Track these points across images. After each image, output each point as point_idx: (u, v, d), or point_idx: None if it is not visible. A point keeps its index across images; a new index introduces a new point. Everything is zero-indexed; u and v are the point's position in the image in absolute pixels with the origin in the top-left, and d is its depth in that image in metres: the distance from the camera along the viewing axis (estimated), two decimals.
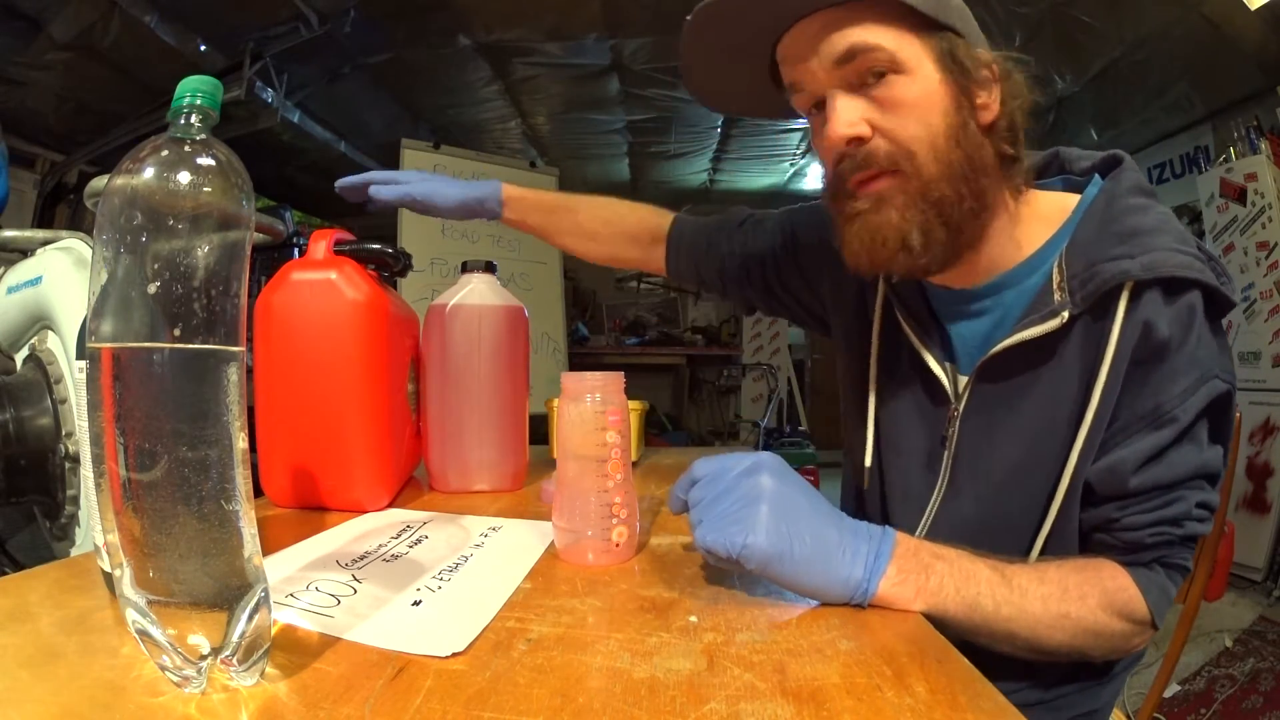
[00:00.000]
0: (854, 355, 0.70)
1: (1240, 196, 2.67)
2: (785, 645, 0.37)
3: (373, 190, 0.79)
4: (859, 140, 0.54)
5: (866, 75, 0.53)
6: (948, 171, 0.53)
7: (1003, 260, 0.59)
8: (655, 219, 0.88)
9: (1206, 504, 0.53)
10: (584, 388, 0.52)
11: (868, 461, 0.68)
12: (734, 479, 0.46)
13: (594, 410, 0.51)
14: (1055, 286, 0.55)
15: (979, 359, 0.58)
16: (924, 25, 0.53)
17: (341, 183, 0.82)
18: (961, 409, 0.60)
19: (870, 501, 0.69)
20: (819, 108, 0.57)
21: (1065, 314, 0.53)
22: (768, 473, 0.46)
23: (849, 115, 0.53)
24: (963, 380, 0.61)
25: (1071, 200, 0.59)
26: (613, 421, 0.51)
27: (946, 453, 0.61)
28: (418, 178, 0.82)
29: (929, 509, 0.63)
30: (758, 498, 0.44)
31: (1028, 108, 0.57)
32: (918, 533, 0.61)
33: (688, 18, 0.56)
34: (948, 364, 0.62)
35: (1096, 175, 0.61)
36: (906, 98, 0.53)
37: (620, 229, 0.88)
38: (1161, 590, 0.53)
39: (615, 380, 0.52)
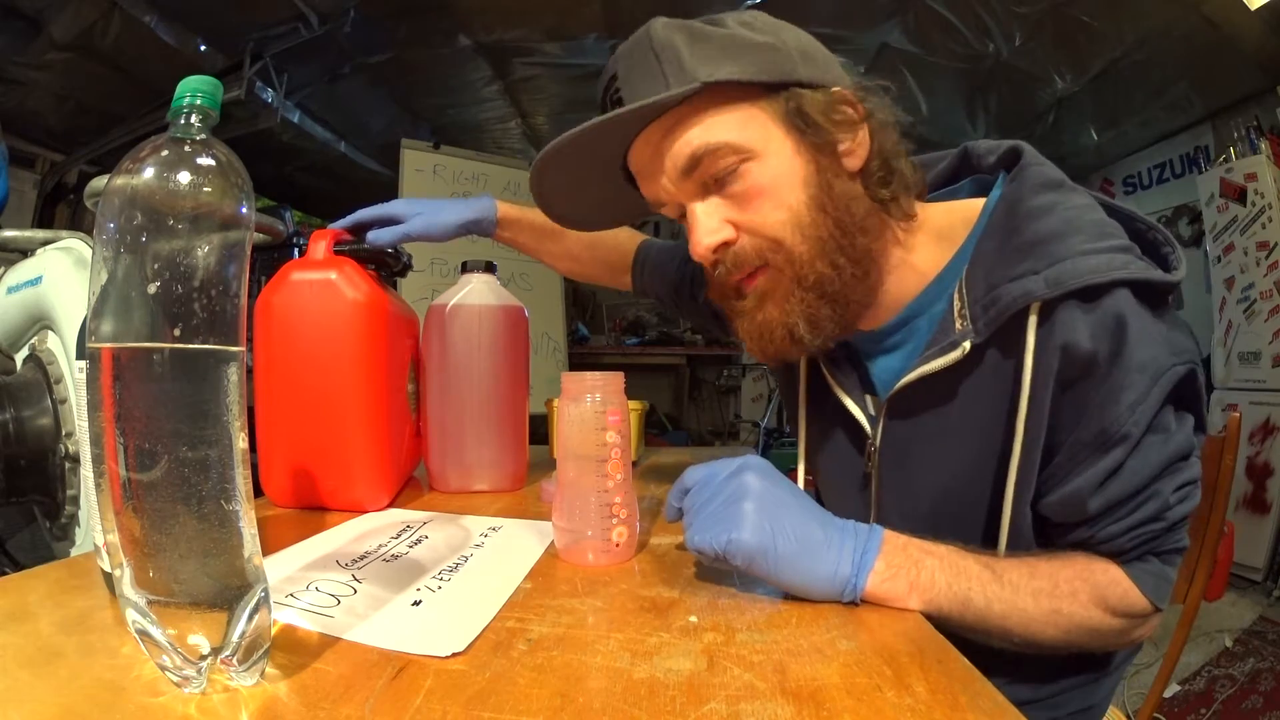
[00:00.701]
0: (789, 407, 0.71)
1: (1240, 196, 2.67)
2: (785, 645, 0.37)
3: (370, 236, 0.73)
4: (725, 245, 0.53)
5: (718, 176, 0.52)
6: (819, 248, 0.52)
7: (905, 291, 0.57)
8: (629, 243, 0.89)
9: (1186, 482, 0.50)
10: (584, 388, 0.52)
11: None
12: (721, 482, 0.47)
13: (594, 410, 0.51)
14: (956, 314, 0.52)
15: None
16: (766, 92, 0.51)
17: (338, 236, 0.74)
18: (878, 443, 0.59)
19: None
20: (684, 216, 0.55)
21: (966, 345, 0.50)
22: (752, 472, 0.46)
23: (709, 224, 0.52)
24: (879, 414, 0.60)
25: (976, 208, 0.56)
26: (612, 421, 0.51)
27: (871, 488, 0.62)
28: (410, 210, 0.76)
29: None
30: (742, 496, 0.45)
31: (898, 132, 0.54)
32: None
33: (533, 167, 0.55)
34: (868, 398, 0.61)
35: (1002, 174, 0.57)
36: (762, 184, 0.51)
37: (598, 253, 0.89)
38: (1158, 576, 0.51)
39: (615, 380, 0.52)
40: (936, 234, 0.57)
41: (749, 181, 0.51)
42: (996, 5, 2.30)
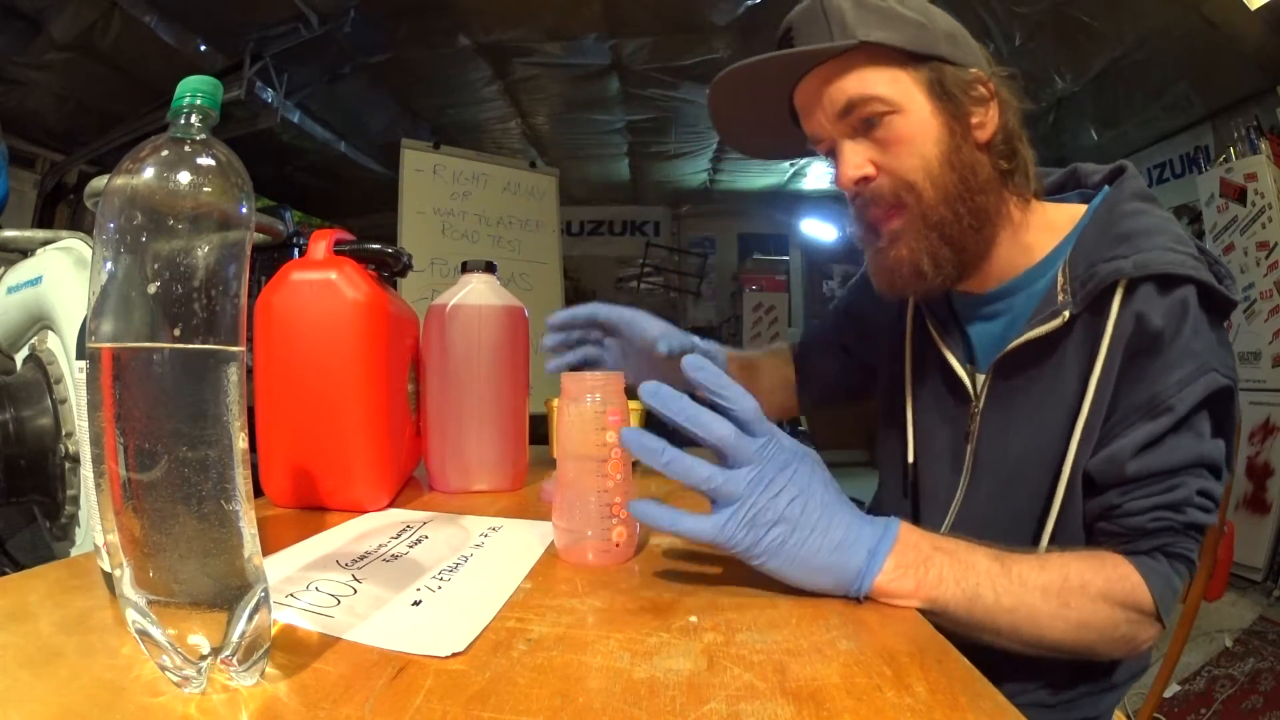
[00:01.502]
0: (890, 362, 0.75)
1: (1240, 196, 2.67)
2: (785, 645, 0.37)
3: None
4: (865, 180, 0.61)
5: (866, 120, 0.59)
6: (944, 195, 0.59)
7: (1013, 266, 0.64)
8: (788, 366, 0.96)
9: (1208, 493, 0.54)
10: (584, 388, 0.52)
11: (910, 458, 0.71)
12: (770, 485, 0.44)
13: (594, 410, 0.51)
14: (1060, 289, 0.59)
15: (994, 358, 0.62)
16: (913, 60, 0.59)
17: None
18: (981, 406, 0.64)
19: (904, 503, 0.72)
20: (833, 153, 0.63)
21: (1066, 313, 0.57)
22: (800, 491, 0.45)
23: (854, 159, 0.60)
24: (981, 379, 0.65)
25: (1080, 210, 0.64)
26: (613, 421, 0.51)
27: (969, 448, 0.65)
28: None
29: (953, 505, 0.66)
30: (783, 519, 0.44)
31: (1021, 119, 0.62)
32: (942, 529, 0.64)
33: (709, 90, 0.65)
34: (968, 365, 0.67)
35: (1106, 186, 0.65)
36: (903, 134, 0.59)
37: (779, 385, 0.95)
38: (1166, 581, 0.54)
39: (615, 380, 0.53)
40: (1047, 224, 0.64)
41: (892, 130, 0.59)
42: (996, 5, 2.31)
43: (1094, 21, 2.36)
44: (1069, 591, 0.49)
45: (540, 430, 0.91)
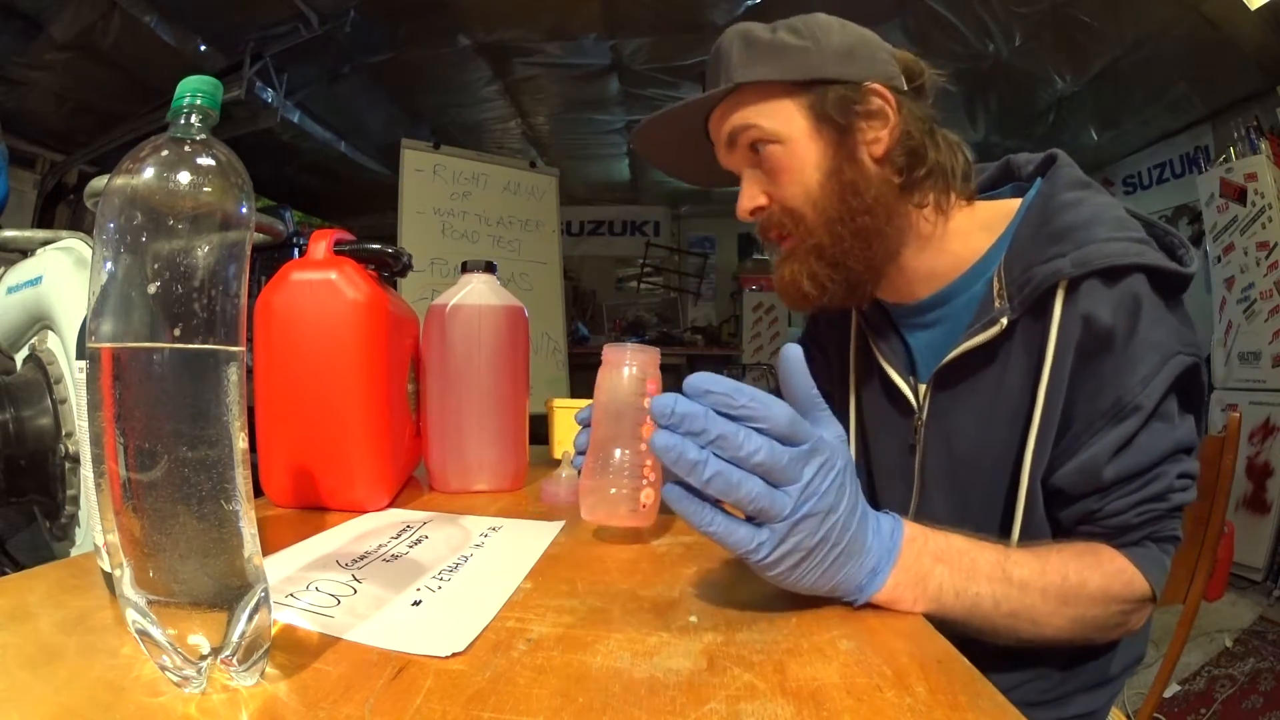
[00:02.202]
0: (839, 377, 0.75)
1: (1240, 196, 2.67)
2: (785, 645, 0.37)
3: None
4: (759, 209, 0.64)
5: (752, 150, 0.62)
6: (825, 219, 0.60)
7: (942, 272, 0.64)
8: None
9: (1187, 474, 0.54)
10: (624, 358, 0.55)
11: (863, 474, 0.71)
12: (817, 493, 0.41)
13: (635, 378, 0.54)
14: (995, 294, 0.58)
15: (935, 367, 0.62)
16: (796, 88, 0.60)
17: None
18: (924, 417, 0.64)
19: None
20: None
21: (1004, 320, 0.56)
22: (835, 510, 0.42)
23: (749, 190, 0.64)
24: (923, 389, 0.64)
25: (1014, 205, 0.63)
26: (650, 389, 0.55)
27: (915, 460, 0.65)
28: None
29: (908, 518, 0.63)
30: (820, 532, 0.40)
31: (928, 126, 0.61)
32: None
33: (634, 133, 0.70)
34: (910, 377, 0.66)
35: (1039, 178, 0.63)
36: (783, 164, 0.61)
37: None
38: (1157, 563, 0.54)
39: (653, 354, 0.56)
40: (979, 225, 0.63)
41: (773, 160, 0.61)
42: (996, 5, 2.31)
43: (1094, 21, 2.36)
44: (1068, 590, 0.49)
45: (540, 430, 0.91)
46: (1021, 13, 2.34)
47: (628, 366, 0.55)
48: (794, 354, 0.42)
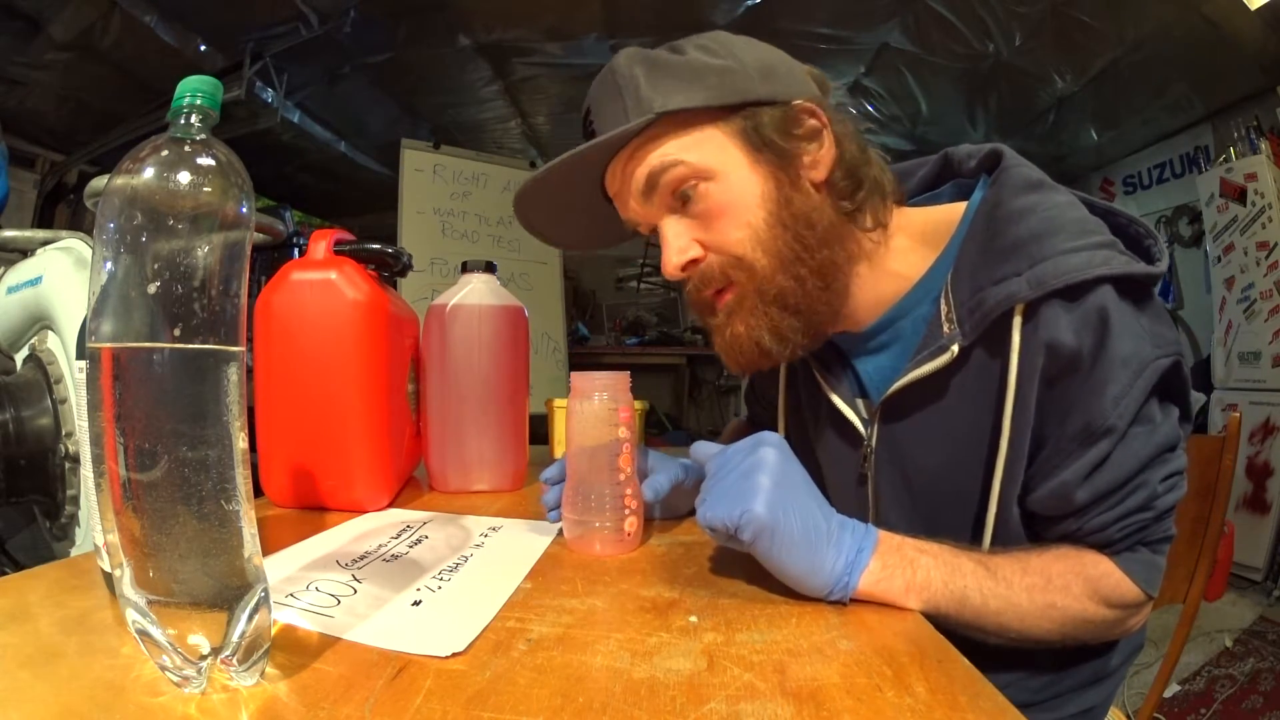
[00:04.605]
0: (785, 409, 0.72)
1: (1240, 196, 2.67)
2: (785, 645, 0.37)
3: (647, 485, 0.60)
4: (694, 263, 0.55)
5: (677, 194, 0.54)
6: (779, 262, 0.53)
7: (885, 294, 0.58)
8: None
9: (1172, 473, 0.50)
10: (594, 386, 0.54)
11: None
12: (739, 458, 0.47)
13: (605, 406, 0.53)
14: (944, 318, 0.53)
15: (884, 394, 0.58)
16: (722, 114, 0.53)
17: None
18: (873, 444, 0.60)
19: None
20: (655, 235, 0.57)
21: (955, 348, 0.52)
22: (770, 447, 0.46)
23: (678, 243, 0.54)
24: (872, 418, 0.60)
25: (958, 212, 0.57)
26: (624, 417, 0.53)
27: (869, 488, 0.62)
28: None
29: None
30: (758, 469, 0.45)
31: (860, 141, 0.56)
32: None
33: (515, 198, 0.59)
34: (860, 400, 0.62)
35: (983, 177, 0.58)
36: (721, 203, 0.53)
37: None
38: (1147, 565, 0.52)
39: (623, 379, 0.54)
40: (918, 238, 0.58)
41: (710, 201, 0.53)
42: (996, 5, 2.30)
43: (1094, 21, 2.36)
44: (1052, 592, 0.49)
45: (540, 430, 0.91)
46: (1021, 13, 2.34)
47: (598, 395, 0.53)
48: (697, 452, 0.51)
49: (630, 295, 5.45)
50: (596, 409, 0.53)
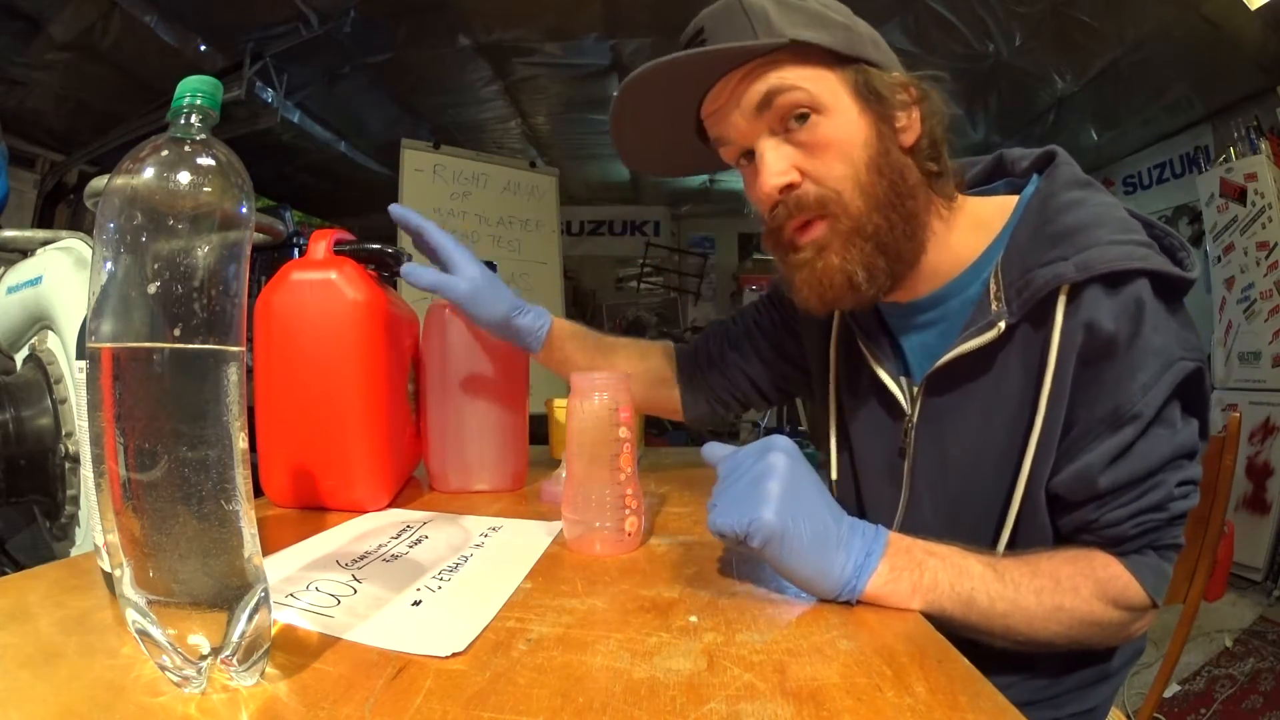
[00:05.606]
0: (819, 376, 0.73)
1: (1240, 196, 2.67)
2: (785, 645, 0.37)
3: (405, 270, 0.69)
4: (790, 187, 0.56)
5: (788, 119, 0.55)
6: (874, 203, 0.55)
7: (942, 271, 0.61)
8: (667, 363, 0.87)
9: (1188, 480, 0.52)
10: (594, 386, 0.54)
11: (834, 475, 0.70)
12: (749, 463, 0.47)
13: (606, 407, 0.53)
14: (993, 296, 0.56)
15: (929, 369, 0.60)
16: (838, 62, 0.56)
17: (399, 214, 0.72)
18: (915, 420, 0.62)
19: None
20: (748, 158, 0.59)
21: (1002, 324, 0.54)
22: (780, 452, 0.47)
23: (778, 165, 0.56)
24: (915, 391, 0.62)
25: (1011, 203, 0.60)
26: (624, 418, 0.54)
27: (905, 464, 0.63)
28: (470, 272, 0.70)
29: (895, 521, 0.64)
30: (768, 475, 0.45)
31: (946, 122, 0.59)
32: None
33: (616, 94, 0.59)
34: (902, 377, 0.64)
35: (1035, 175, 0.61)
36: (829, 138, 0.55)
37: (644, 377, 0.86)
38: (1155, 571, 0.53)
39: (623, 380, 0.55)
40: (975, 223, 0.60)
41: (818, 133, 0.55)
42: (996, 5, 2.31)
43: (1094, 21, 2.36)
44: (1061, 594, 0.49)
45: (540, 430, 0.91)
46: (1021, 13, 2.34)
47: (598, 395, 0.54)
48: (709, 453, 0.52)
49: (630, 295, 5.45)
50: (596, 409, 0.54)
